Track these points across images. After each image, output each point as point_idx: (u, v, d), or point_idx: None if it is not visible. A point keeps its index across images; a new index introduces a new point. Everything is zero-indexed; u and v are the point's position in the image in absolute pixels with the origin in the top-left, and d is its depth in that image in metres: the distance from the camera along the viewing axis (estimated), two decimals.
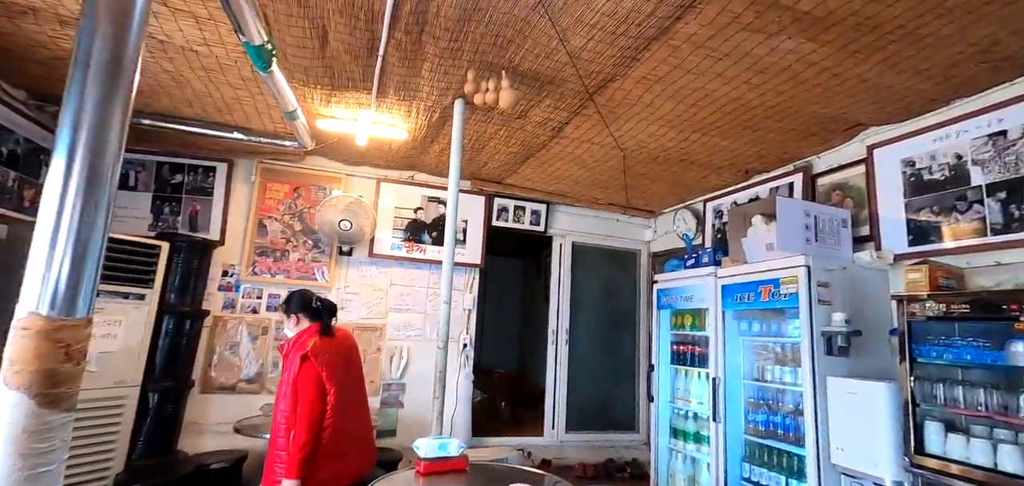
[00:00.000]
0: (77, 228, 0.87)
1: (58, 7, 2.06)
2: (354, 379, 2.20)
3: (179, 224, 3.61)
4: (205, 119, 3.15)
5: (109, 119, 0.93)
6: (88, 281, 0.90)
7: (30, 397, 0.82)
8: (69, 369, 0.86)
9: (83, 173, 0.89)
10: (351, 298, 3.94)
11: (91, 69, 0.90)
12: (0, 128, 2.72)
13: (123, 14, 0.94)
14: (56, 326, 0.85)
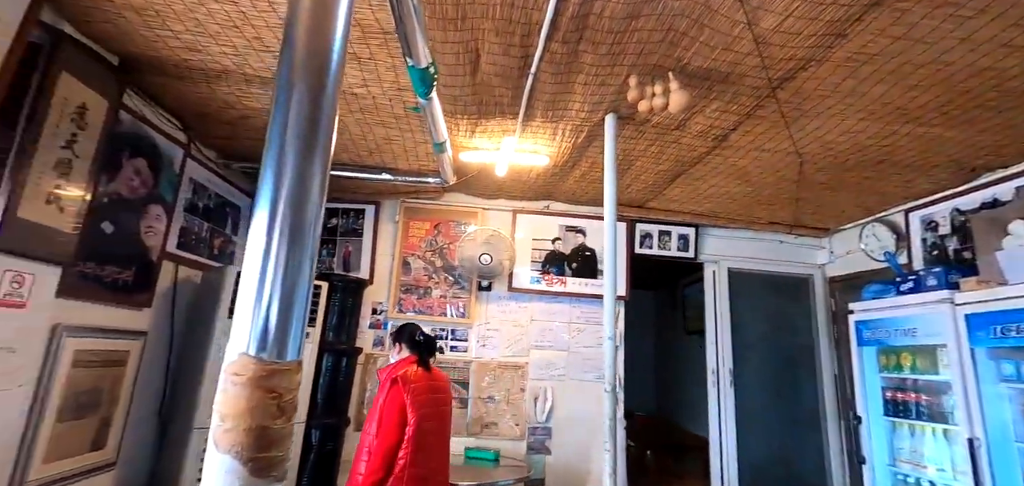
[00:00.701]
0: (282, 274, 0.79)
1: (245, 67, 2.22)
2: (439, 420, 2.18)
3: (334, 265, 3.81)
4: (358, 163, 3.29)
5: (309, 170, 0.87)
6: (297, 324, 0.80)
7: (242, 463, 0.70)
8: (280, 427, 0.74)
9: (287, 222, 0.81)
10: (492, 334, 3.81)
11: (290, 124, 0.85)
12: (198, 186, 3.07)
13: (320, 69, 0.90)
14: (268, 370, 0.73)
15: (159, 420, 2.88)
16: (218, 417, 0.74)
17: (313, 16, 0.93)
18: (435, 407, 2.15)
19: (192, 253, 3.05)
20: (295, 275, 0.80)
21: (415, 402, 2.04)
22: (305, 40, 0.90)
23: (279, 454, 0.74)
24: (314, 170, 0.86)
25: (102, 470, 2.51)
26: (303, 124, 0.84)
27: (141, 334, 2.68)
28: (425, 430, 2.04)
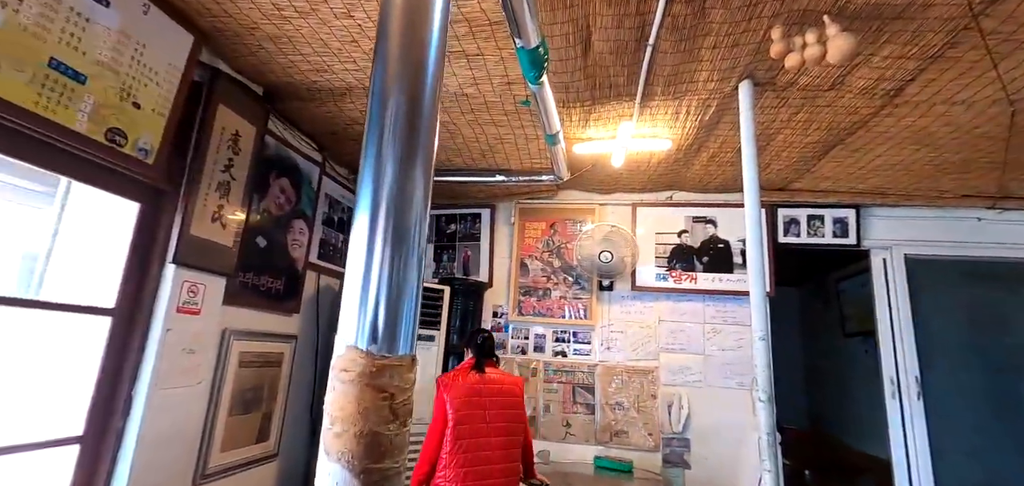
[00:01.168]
0: (388, 269, 0.76)
1: (366, 81, 2.33)
2: (483, 421, 2.17)
3: (455, 270, 3.90)
4: (472, 167, 3.31)
5: (410, 174, 0.85)
6: (407, 318, 0.74)
7: (354, 474, 0.65)
8: (394, 433, 0.68)
9: (388, 226, 0.78)
10: (616, 336, 3.59)
11: (386, 127, 0.85)
12: (333, 200, 3.33)
13: (418, 69, 0.88)
14: (379, 366, 0.68)
15: (310, 418, 3.16)
16: (328, 419, 0.69)
17: (406, 16, 0.89)
18: (479, 410, 2.18)
19: (330, 262, 3.31)
20: (401, 276, 0.75)
21: (457, 405, 2.14)
22: (399, 42, 0.87)
23: (394, 466, 0.67)
24: (416, 170, 0.83)
25: (266, 461, 2.80)
26: (402, 130, 0.81)
27: (292, 337, 2.96)
28: (464, 432, 2.12)
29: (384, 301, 0.74)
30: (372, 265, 0.76)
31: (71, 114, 1.61)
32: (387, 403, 0.68)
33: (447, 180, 3.38)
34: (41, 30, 1.49)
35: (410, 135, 0.81)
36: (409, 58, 0.85)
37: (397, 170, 0.79)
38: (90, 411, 1.90)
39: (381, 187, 0.78)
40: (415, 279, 0.79)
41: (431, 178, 0.87)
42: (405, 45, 0.86)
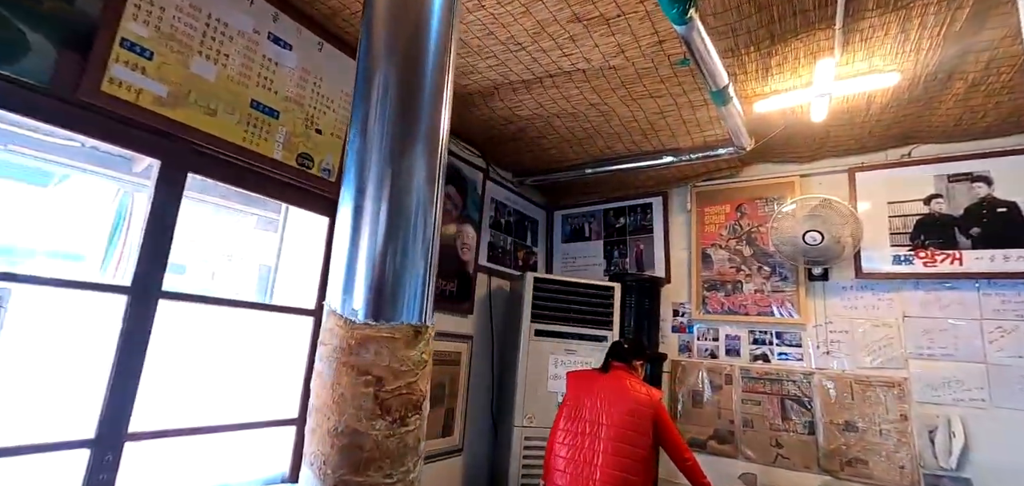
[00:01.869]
0: (382, 244, 0.63)
1: (509, 75, 2.31)
2: (596, 417, 2.15)
3: (627, 266, 3.62)
4: (635, 151, 3.03)
5: (409, 156, 0.80)
6: (412, 284, 0.61)
7: (322, 483, 0.52)
8: (382, 434, 0.53)
9: (381, 188, 0.73)
10: (839, 338, 2.85)
11: (372, 104, 0.80)
12: (499, 204, 3.42)
13: (415, 43, 0.81)
14: (359, 336, 0.55)
15: (491, 418, 3.26)
16: (310, 410, 0.57)
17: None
18: (590, 404, 2.18)
19: (499, 265, 3.39)
20: (399, 236, 0.62)
21: (569, 392, 2.28)
22: (388, 5, 0.75)
23: (384, 482, 0.49)
24: (414, 157, 0.71)
25: (453, 454, 2.96)
26: (392, 108, 0.70)
27: (468, 337, 3.10)
28: (570, 423, 2.18)
29: (377, 263, 0.61)
30: (361, 227, 0.64)
31: (270, 144, 1.93)
32: (370, 390, 0.51)
33: (608, 170, 3.16)
34: (243, 78, 1.82)
35: (404, 112, 0.70)
36: (403, 25, 0.72)
37: (391, 148, 0.67)
38: (302, 397, 2.24)
39: (368, 155, 0.67)
40: (422, 249, 0.65)
41: (442, 154, 0.74)
42: (397, 7, 0.72)
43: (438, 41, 0.78)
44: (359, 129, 0.74)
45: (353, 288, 0.64)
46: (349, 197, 0.73)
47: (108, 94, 1.49)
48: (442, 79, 0.77)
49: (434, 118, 0.76)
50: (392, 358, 0.59)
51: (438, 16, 0.78)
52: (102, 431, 1.54)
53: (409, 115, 0.74)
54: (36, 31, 1.36)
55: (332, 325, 0.62)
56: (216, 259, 3.62)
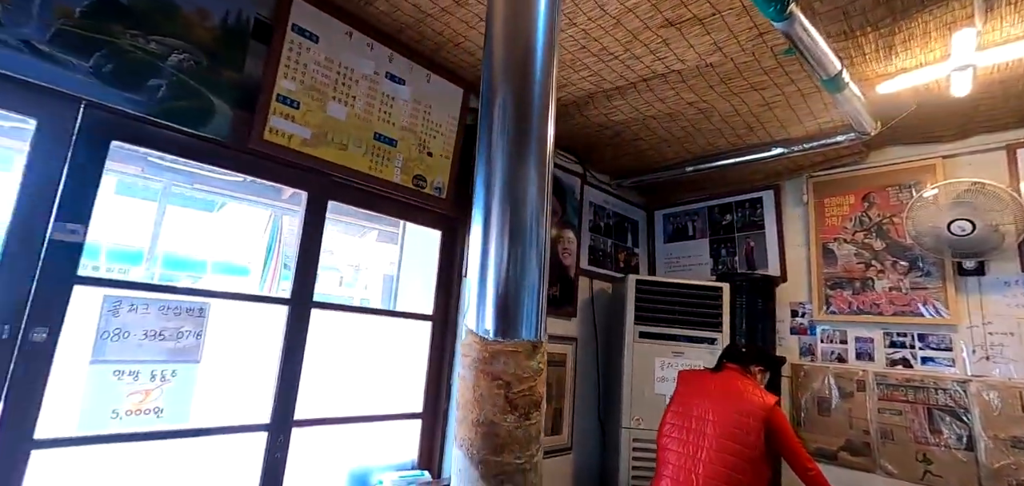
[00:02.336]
0: (504, 260, 0.75)
1: (602, 84, 2.37)
2: (703, 416, 2.10)
3: (737, 265, 3.45)
4: (739, 145, 2.90)
5: (523, 174, 0.88)
6: (529, 305, 0.72)
7: (472, 464, 0.65)
8: (513, 425, 0.65)
9: (505, 216, 0.81)
10: (1002, 342, 2.47)
11: (495, 123, 0.89)
12: (597, 207, 3.47)
13: (524, 67, 0.90)
14: (492, 351, 0.67)
15: (598, 419, 3.31)
16: (455, 404, 0.71)
17: (510, 10, 0.87)
18: (694, 408, 2.14)
19: (601, 267, 3.43)
20: (519, 256, 0.73)
21: (677, 390, 2.26)
22: (503, 38, 0.85)
23: (516, 462, 0.62)
24: (528, 167, 0.80)
25: (562, 453, 3.07)
26: (510, 126, 0.80)
27: (572, 340, 3.19)
28: (671, 422, 2.16)
29: (502, 286, 0.72)
30: (489, 251, 0.76)
31: (391, 170, 2.20)
32: (502, 392, 0.65)
33: (710, 167, 3.05)
34: (367, 114, 2.10)
35: (519, 130, 0.79)
36: (514, 52, 0.83)
37: (508, 165, 0.77)
38: (425, 394, 2.49)
39: (493, 180, 0.78)
40: (536, 265, 0.75)
41: (549, 168, 0.84)
42: (509, 39, 0.84)
43: (543, 62, 0.89)
44: (484, 153, 0.87)
45: (485, 309, 0.78)
46: (479, 218, 0.85)
47: (269, 141, 1.82)
48: (547, 97, 0.88)
49: (542, 131, 0.86)
50: (517, 367, 0.72)
51: (542, 42, 0.90)
52: (275, 418, 1.89)
53: (523, 134, 0.85)
54: (219, 97, 1.72)
55: (470, 341, 0.77)
56: (346, 269, 4.13)
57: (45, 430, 1.42)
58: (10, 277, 1.37)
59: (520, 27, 0.89)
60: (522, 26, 0.89)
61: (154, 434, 1.63)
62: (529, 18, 0.89)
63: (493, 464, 0.66)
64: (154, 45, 1.57)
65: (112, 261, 5.11)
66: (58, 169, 1.45)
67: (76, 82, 1.44)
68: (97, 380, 1.53)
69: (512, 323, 0.74)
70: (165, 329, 1.66)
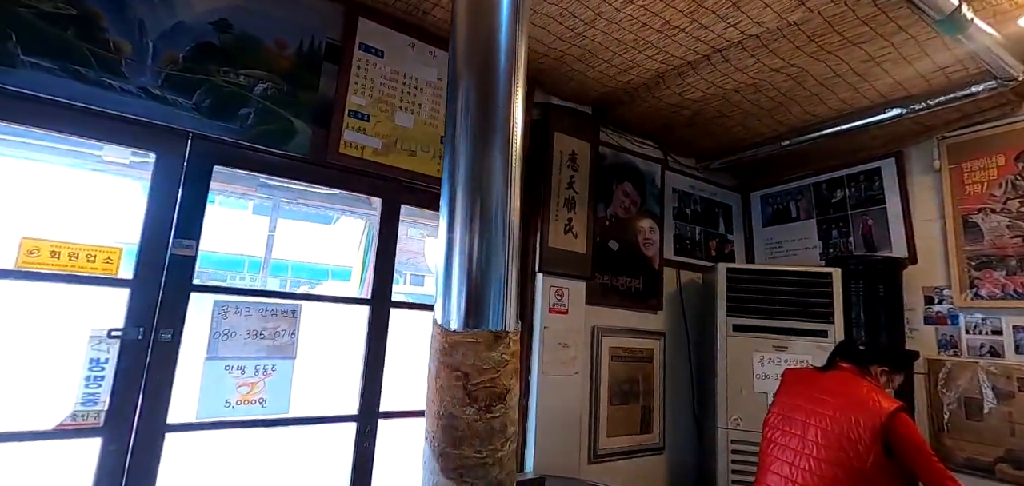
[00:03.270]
0: (467, 250, 0.73)
1: (670, 61, 2.22)
2: (810, 420, 1.82)
3: (851, 246, 3.03)
4: (843, 111, 2.54)
5: (488, 161, 0.87)
6: (495, 295, 0.69)
7: (434, 456, 0.64)
8: (472, 418, 0.62)
9: (471, 204, 0.81)
10: None
11: (459, 116, 0.90)
12: (682, 193, 3.26)
13: (487, 50, 0.89)
14: (451, 341, 0.66)
15: (693, 417, 3.12)
16: (426, 400, 0.70)
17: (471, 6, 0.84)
18: (798, 412, 1.89)
19: (689, 257, 3.22)
20: (484, 246, 0.70)
21: (780, 389, 2.04)
22: (465, 26, 0.83)
23: (476, 455, 0.59)
24: (493, 152, 0.78)
25: (653, 452, 2.94)
26: (474, 110, 0.77)
27: (659, 334, 3.03)
28: (772, 425, 1.95)
29: (467, 276, 0.70)
30: (454, 241, 0.74)
31: None
32: (461, 383, 0.62)
33: (811, 138, 2.71)
34: (432, 119, 2.19)
35: (483, 116, 0.76)
36: (477, 38, 0.80)
37: (472, 153, 0.75)
38: None
39: (457, 169, 0.76)
40: (503, 252, 0.71)
41: (514, 156, 0.79)
42: (471, 20, 0.81)
43: (507, 43, 0.87)
44: (449, 141, 0.87)
45: (450, 299, 0.78)
46: (444, 208, 0.85)
47: (343, 154, 1.97)
48: (513, 80, 0.85)
49: (508, 116, 0.84)
50: (476, 358, 0.70)
51: (505, 28, 0.88)
52: (362, 409, 2.04)
53: (487, 120, 0.84)
54: (298, 118, 1.90)
55: (434, 332, 0.77)
56: (414, 267, 4.33)
57: (174, 416, 1.68)
58: (142, 288, 1.63)
59: (482, 6, 0.87)
60: (485, 5, 0.87)
61: (260, 422, 1.84)
62: (491, 12, 0.87)
63: (453, 457, 0.65)
64: (243, 78, 1.78)
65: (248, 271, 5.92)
66: (174, 194, 1.70)
67: (183, 118, 1.68)
68: (212, 374, 1.76)
69: (478, 313, 0.73)
70: (264, 329, 1.87)
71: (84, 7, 1.54)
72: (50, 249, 1.48)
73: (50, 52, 1.48)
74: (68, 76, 1.50)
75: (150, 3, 1.64)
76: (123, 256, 1.62)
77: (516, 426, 0.74)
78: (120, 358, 1.56)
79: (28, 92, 1.46)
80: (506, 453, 0.70)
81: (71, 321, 1.54)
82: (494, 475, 0.68)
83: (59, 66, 1.49)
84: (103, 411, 1.51)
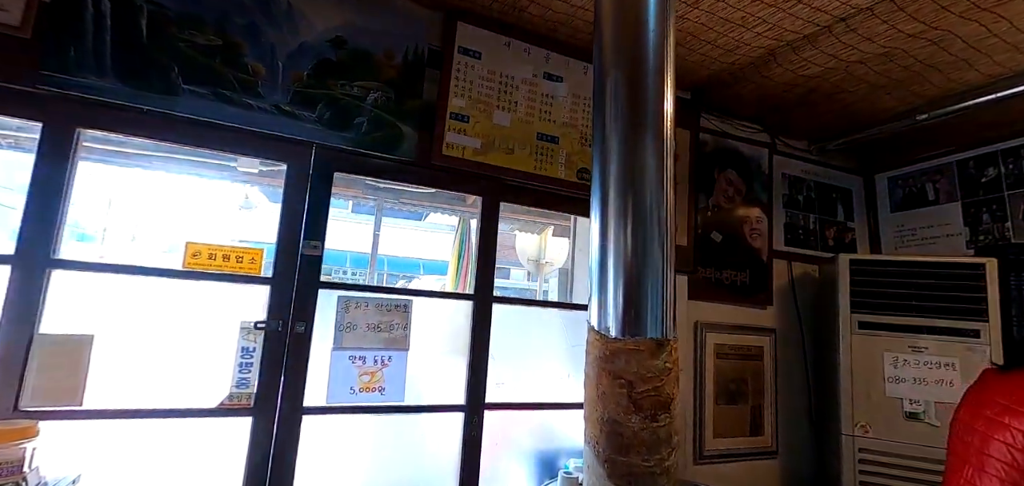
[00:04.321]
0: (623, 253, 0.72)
1: (783, 36, 2.05)
2: (977, 434, 1.30)
3: (1009, 232, 2.60)
4: (999, 75, 2.18)
5: (640, 155, 0.85)
6: (652, 301, 0.67)
7: (599, 461, 0.63)
8: (638, 426, 0.60)
9: (624, 204, 0.73)
10: None
11: (607, 104, 0.86)
12: (793, 179, 3.00)
13: (636, 41, 0.85)
14: (612, 349, 0.64)
15: (810, 419, 2.88)
16: (584, 402, 0.69)
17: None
18: (971, 427, 1.39)
19: (802, 247, 2.96)
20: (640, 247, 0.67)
21: (959, 406, 1.49)
22: (612, 18, 0.78)
23: (644, 464, 0.58)
24: (646, 150, 0.73)
25: (765, 456, 2.76)
26: (624, 106, 0.74)
27: (769, 331, 2.83)
28: (954, 448, 1.44)
29: (623, 277, 0.68)
30: (607, 244, 0.71)
31: (555, 166, 2.26)
32: (625, 391, 0.60)
33: (957, 109, 2.36)
34: (529, 116, 2.21)
35: (633, 109, 0.72)
36: (623, 25, 0.77)
37: (623, 147, 0.72)
38: None
39: (608, 164, 0.73)
40: (660, 252, 0.68)
41: (669, 148, 0.74)
42: (617, 12, 0.78)
43: (656, 32, 0.84)
44: (598, 136, 0.85)
45: (607, 302, 0.76)
46: (596, 206, 0.84)
47: (447, 155, 2.05)
48: (663, 71, 0.82)
49: (658, 107, 0.81)
50: (640, 366, 0.68)
51: (653, 17, 0.84)
52: (468, 400, 2.12)
53: (638, 112, 0.81)
54: (405, 123, 2.01)
55: (592, 338, 0.76)
56: (529, 265, 4.40)
57: (309, 400, 1.86)
58: (280, 285, 1.82)
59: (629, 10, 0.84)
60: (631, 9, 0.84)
61: (380, 408, 1.98)
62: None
63: (620, 464, 0.63)
64: (357, 89, 1.92)
65: (350, 266, 6.40)
66: (302, 200, 1.88)
67: (308, 130, 1.85)
68: (338, 363, 1.92)
69: (636, 318, 0.70)
70: (381, 322, 2.01)
71: (228, 37, 1.74)
72: (209, 252, 1.70)
73: (204, 80, 1.70)
74: (218, 100, 1.71)
75: (279, 28, 1.82)
76: (264, 257, 1.82)
77: (680, 435, 0.72)
78: (264, 347, 1.75)
79: (188, 116, 1.69)
80: (672, 462, 0.68)
81: (224, 315, 1.76)
82: (662, 484, 0.66)
83: (211, 91, 1.71)
84: (253, 393, 1.71)
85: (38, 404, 1.45)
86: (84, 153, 1.77)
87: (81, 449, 1.53)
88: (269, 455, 1.74)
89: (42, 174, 1.55)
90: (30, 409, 1.44)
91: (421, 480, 2.13)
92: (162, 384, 1.67)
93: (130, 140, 2.11)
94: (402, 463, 2.11)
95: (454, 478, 2.09)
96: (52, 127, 1.58)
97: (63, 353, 1.48)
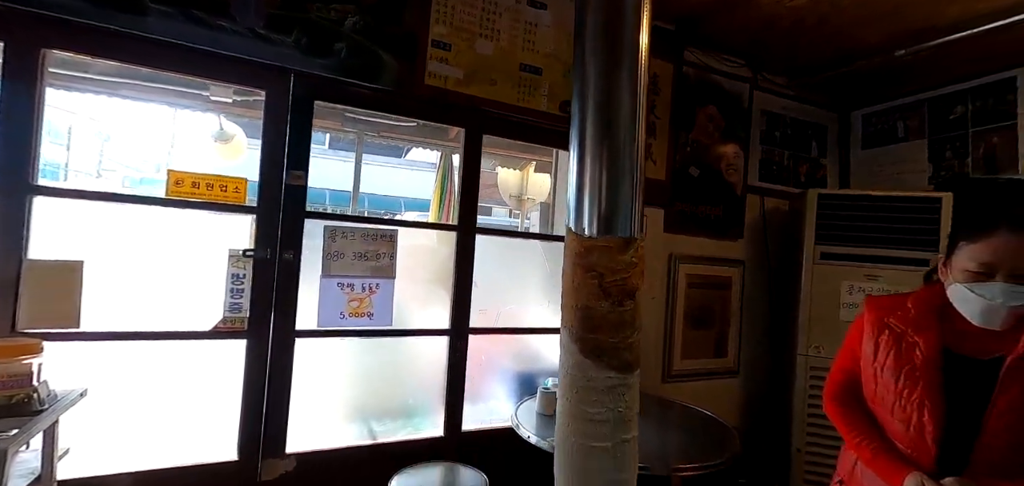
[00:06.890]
0: (598, 162, 0.76)
1: None
2: None
3: (969, 167, 2.73)
4: (977, 13, 2.22)
5: (616, 85, 0.88)
6: (624, 204, 0.73)
7: (573, 340, 0.72)
8: (606, 310, 0.70)
9: (597, 129, 0.83)
10: None
11: (586, 37, 0.91)
12: (771, 116, 3.06)
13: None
14: (585, 246, 0.72)
15: (768, 341, 3.09)
16: (562, 294, 0.77)
17: None
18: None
19: (775, 183, 3.07)
20: (612, 157, 0.73)
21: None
22: None
23: (610, 340, 0.67)
24: (621, 86, 0.78)
25: (727, 375, 2.98)
26: (598, 33, 0.77)
27: (739, 262, 2.98)
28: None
29: (595, 186, 0.74)
30: (585, 172, 0.77)
31: (539, 98, 2.27)
32: (596, 281, 0.69)
33: (932, 45, 2.40)
34: (511, 46, 2.18)
35: (611, 41, 0.76)
36: None
37: (600, 78, 0.76)
38: None
39: (587, 93, 0.77)
40: (629, 167, 0.74)
41: (642, 74, 0.78)
42: None
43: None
44: (578, 66, 0.89)
45: (583, 213, 0.84)
46: (574, 135, 0.89)
47: (429, 85, 2.04)
48: (639, 9, 0.85)
49: (634, 38, 0.85)
50: (610, 260, 0.78)
51: None
52: (453, 325, 2.22)
53: (614, 43, 0.85)
54: (386, 52, 1.97)
55: (570, 238, 0.84)
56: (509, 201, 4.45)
57: (301, 324, 1.93)
58: (266, 213, 1.84)
59: None
60: None
61: (369, 332, 2.07)
62: None
63: (590, 341, 0.74)
64: (334, 13, 1.86)
65: (331, 204, 6.35)
66: (283, 129, 1.86)
67: (285, 56, 1.80)
68: (327, 290, 1.99)
69: (609, 224, 0.78)
70: (367, 251, 2.06)
71: None
72: (192, 180, 1.70)
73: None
74: (188, 21, 1.65)
75: None
76: (247, 187, 1.82)
77: (642, 321, 0.81)
78: (254, 274, 1.79)
79: (158, 37, 1.63)
80: (634, 340, 0.79)
81: (212, 243, 1.78)
82: (625, 357, 0.77)
83: (179, 12, 1.64)
84: (246, 317, 1.77)
85: (35, 327, 1.49)
86: (49, 80, 1.71)
87: (84, 369, 1.59)
88: (266, 374, 1.82)
89: (8, 96, 1.51)
90: (29, 331, 1.48)
91: (410, 399, 2.27)
92: (156, 310, 1.72)
93: (95, 63, 2.04)
94: (392, 383, 2.23)
95: (440, 397, 2.23)
96: (16, 46, 1.52)
97: (54, 278, 1.50)
